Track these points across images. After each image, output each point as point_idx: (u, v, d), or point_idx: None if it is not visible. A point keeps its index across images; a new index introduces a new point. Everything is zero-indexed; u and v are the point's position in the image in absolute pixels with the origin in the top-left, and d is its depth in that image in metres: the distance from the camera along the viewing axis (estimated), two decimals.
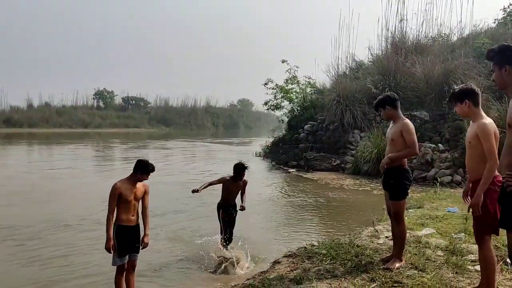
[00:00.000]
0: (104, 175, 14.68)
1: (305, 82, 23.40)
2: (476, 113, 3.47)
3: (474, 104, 3.46)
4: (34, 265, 5.51)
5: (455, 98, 3.60)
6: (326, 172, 15.45)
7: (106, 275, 4.83)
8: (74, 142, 32.79)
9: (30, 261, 5.61)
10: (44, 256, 5.83)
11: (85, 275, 5.11)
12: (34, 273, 5.18)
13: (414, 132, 4.29)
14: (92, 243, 6.27)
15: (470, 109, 3.47)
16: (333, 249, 4.74)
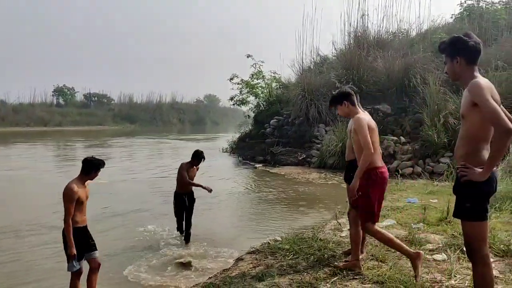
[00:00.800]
0: (65, 176, 14.21)
1: (271, 77, 23.42)
2: (354, 111, 4.05)
3: (351, 103, 4.04)
4: None
5: (335, 102, 4.14)
6: (292, 167, 15.53)
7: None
8: (32, 141, 31.60)
9: None
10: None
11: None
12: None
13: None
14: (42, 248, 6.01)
15: (349, 108, 4.06)
16: (296, 244, 4.74)
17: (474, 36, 2.77)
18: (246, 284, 3.68)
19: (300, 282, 3.69)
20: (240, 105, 25.05)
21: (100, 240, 6.40)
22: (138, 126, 60.26)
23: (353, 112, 4.06)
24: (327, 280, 3.70)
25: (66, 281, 4.06)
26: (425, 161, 12.44)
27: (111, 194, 10.23)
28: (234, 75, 23.93)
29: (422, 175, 11.43)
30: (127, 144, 29.71)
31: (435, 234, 5.13)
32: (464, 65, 2.73)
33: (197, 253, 5.96)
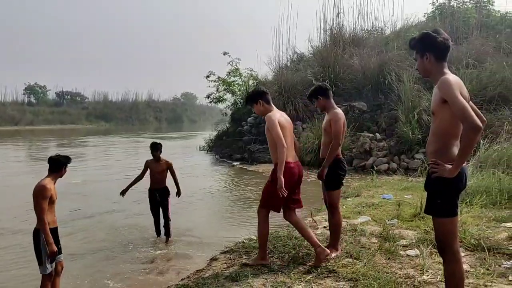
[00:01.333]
0: (36, 177, 13.83)
1: (247, 75, 23.35)
2: (330, 105, 4.38)
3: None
4: None
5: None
6: (270, 164, 15.32)
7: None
8: (1, 140, 30.70)
9: None
10: None
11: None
12: None
13: (341, 122, 4.27)
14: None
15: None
16: (271, 242, 4.70)
17: (443, 33, 2.77)
18: (219, 285, 3.62)
19: (274, 281, 3.65)
20: (217, 103, 24.89)
21: (68, 242, 6.25)
22: (113, 125, 59.30)
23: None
24: (301, 279, 3.67)
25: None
26: (400, 157, 12.60)
27: (83, 195, 10.00)
28: (211, 72, 23.77)
29: (397, 171, 11.57)
30: (100, 143, 29.17)
31: (409, 229, 5.18)
32: (433, 61, 2.73)
33: (170, 253, 5.87)
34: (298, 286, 3.51)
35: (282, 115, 4.26)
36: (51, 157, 4.05)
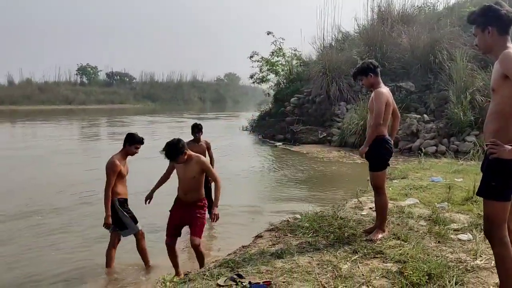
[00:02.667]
0: (93, 153, 14.50)
1: (291, 55, 23.09)
2: (378, 84, 4.24)
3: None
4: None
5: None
6: (312, 145, 15.41)
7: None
8: (60, 119, 32.20)
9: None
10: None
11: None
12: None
13: (383, 100, 4.13)
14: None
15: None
16: (316, 222, 4.69)
17: (506, 5, 2.59)
18: (265, 261, 3.66)
19: (320, 260, 3.65)
20: (260, 83, 24.86)
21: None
22: (159, 105, 60.66)
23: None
24: (348, 259, 3.64)
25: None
26: (450, 139, 12.14)
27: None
28: (254, 52, 23.69)
29: (446, 154, 11.16)
30: (147, 122, 29.98)
31: (460, 213, 5.00)
32: (496, 36, 2.57)
33: (213, 231, 6.01)
34: (344, 265, 3.50)
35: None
36: (129, 133, 4.42)
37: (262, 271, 3.43)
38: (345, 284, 3.14)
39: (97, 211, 6.73)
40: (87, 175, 9.90)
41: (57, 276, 4.55)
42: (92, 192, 7.86)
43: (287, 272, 3.40)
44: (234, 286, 3.12)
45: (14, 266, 4.81)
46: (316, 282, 3.19)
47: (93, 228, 5.78)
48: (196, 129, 6.20)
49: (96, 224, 5.52)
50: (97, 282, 4.46)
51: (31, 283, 4.41)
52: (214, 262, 3.92)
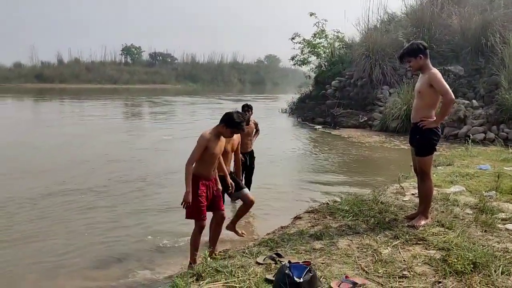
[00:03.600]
0: (137, 132, 14.91)
1: (334, 36, 22.58)
2: (427, 66, 4.01)
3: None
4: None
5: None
6: (353, 129, 15.16)
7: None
8: (109, 97, 33.20)
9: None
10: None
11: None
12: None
13: (443, 79, 3.97)
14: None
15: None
16: (356, 205, 4.63)
17: None
18: (304, 242, 3.66)
19: (360, 243, 3.61)
20: (300, 66, 24.56)
21: (165, 195, 6.70)
22: (199, 85, 61.32)
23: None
24: (388, 244, 3.58)
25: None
26: (499, 127, 11.60)
27: (172, 152, 10.56)
28: (296, 34, 23.35)
29: (495, 142, 10.68)
30: (189, 102, 30.41)
31: (509, 203, 4.79)
32: None
33: (255, 209, 6.05)
34: (384, 250, 3.44)
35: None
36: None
37: (300, 252, 3.45)
38: (385, 268, 3.10)
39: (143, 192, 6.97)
40: (130, 154, 10.22)
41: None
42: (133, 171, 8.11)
43: (326, 253, 3.39)
44: (273, 264, 3.15)
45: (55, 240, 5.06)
46: (356, 265, 3.16)
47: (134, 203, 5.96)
48: (246, 107, 6.12)
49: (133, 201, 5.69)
50: (133, 260, 4.55)
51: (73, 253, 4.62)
52: (254, 241, 3.96)
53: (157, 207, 6.07)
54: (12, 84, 46.88)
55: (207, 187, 3.97)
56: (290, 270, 2.66)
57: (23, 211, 5.82)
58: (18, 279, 4.02)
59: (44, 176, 7.81)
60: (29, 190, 6.77)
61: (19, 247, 4.68)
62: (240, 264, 3.13)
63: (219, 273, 3.00)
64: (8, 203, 6.14)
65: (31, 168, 8.40)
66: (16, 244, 4.75)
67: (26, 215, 5.67)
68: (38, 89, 43.13)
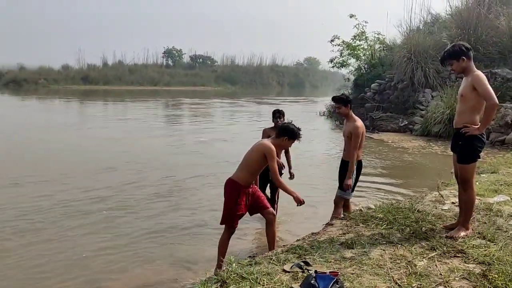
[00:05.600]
0: (175, 134, 15.16)
1: (374, 38, 22.14)
2: (471, 68, 3.80)
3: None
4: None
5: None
6: (392, 133, 14.76)
7: None
8: (151, 99, 33.96)
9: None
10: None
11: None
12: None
13: (487, 82, 3.74)
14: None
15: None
16: (391, 213, 4.44)
17: None
18: (335, 250, 3.54)
19: (393, 254, 3.45)
20: (339, 68, 24.25)
21: (203, 194, 6.73)
22: (238, 88, 61.64)
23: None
24: (424, 255, 3.40)
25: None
26: None
27: (206, 156, 10.63)
28: (335, 36, 23.07)
29: None
30: (227, 104, 30.62)
31: None
32: None
33: (286, 214, 5.97)
34: (420, 262, 3.26)
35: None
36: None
37: (330, 260, 3.32)
38: (420, 282, 2.93)
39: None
40: (168, 157, 10.39)
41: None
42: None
43: (357, 263, 3.25)
44: (300, 273, 3.05)
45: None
46: (388, 277, 3.01)
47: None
48: (277, 113, 5.71)
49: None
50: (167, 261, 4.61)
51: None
52: (282, 247, 3.87)
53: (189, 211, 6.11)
54: (60, 85, 48.87)
55: (247, 194, 4.07)
56: (316, 280, 2.56)
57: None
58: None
59: (108, 178, 7.95)
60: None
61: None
62: (266, 271, 3.05)
63: (244, 280, 2.93)
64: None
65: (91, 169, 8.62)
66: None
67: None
68: (83, 91, 44.79)
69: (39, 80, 49.18)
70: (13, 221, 5.54)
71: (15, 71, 52.64)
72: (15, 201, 6.33)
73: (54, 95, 35.68)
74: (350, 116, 4.96)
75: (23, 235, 5.10)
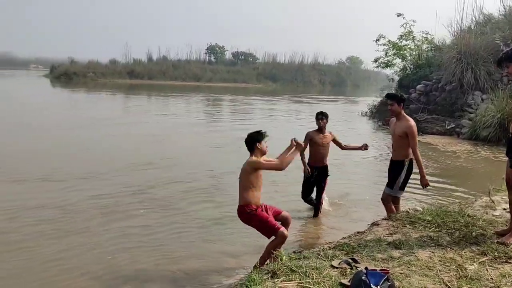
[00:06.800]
0: (215, 130, 15.42)
1: (422, 38, 21.58)
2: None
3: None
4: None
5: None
6: (438, 136, 14.38)
7: None
8: (193, 94, 34.68)
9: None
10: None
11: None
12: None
13: None
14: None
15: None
16: (440, 216, 4.39)
17: None
18: (382, 249, 3.56)
19: (442, 257, 3.43)
20: (384, 68, 23.83)
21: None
22: (279, 85, 61.67)
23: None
24: (475, 260, 3.36)
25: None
26: None
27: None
28: (381, 35, 22.70)
29: None
30: (267, 102, 30.74)
31: None
32: None
33: (331, 211, 6.00)
34: (470, 266, 3.23)
35: None
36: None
37: (377, 259, 3.35)
38: (470, 285, 2.92)
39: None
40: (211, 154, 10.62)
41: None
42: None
43: (405, 264, 3.26)
44: (349, 269, 3.10)
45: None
46: (438, 279, 3.01)
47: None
48: (320, 115, 5.62)
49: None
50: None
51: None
52: (329, 243, 3.93)
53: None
54: (107, 79, 50.65)
55: (264, 208, 4.05)
56: (367, 277, 2.61)
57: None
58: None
59: (147, 174, 8.01)
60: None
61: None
62: (315, 266, 3.13)
63: (294, 273, 3.01)
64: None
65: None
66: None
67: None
68: (129, 85, 46.23)
69: (88, 73, 51.25)
70: (53, 217, 5.56)
71: (67, 65, 55.11)
72: (49, 196, 6.33)
73: (101, 89, 37.05)
74: (401, 115, 4.85)
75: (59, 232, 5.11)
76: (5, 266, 4.20)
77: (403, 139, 4.77)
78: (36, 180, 7.14)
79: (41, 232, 5.02)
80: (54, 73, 53.15)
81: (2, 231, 4.98)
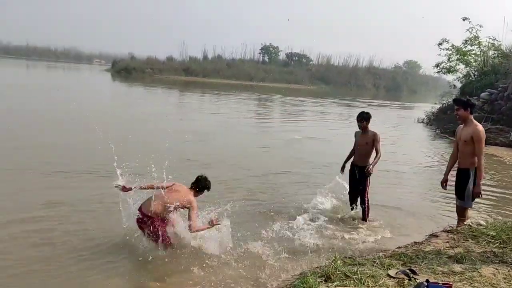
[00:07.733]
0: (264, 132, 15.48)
1: (488, 44, 20.46)
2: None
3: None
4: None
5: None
6: (501, 147, 13.58)
7: None
8: (242, 93, 35.02)
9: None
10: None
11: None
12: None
13: None
14: None
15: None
16: (505, 232, 4.14)
17: None
18: (442, 262, 3.40)
19: (507, 274, 3.22)
20: (445, 74, 22.85)
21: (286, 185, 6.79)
22: (331, 88, 60.87)
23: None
24: None
25: None
26: None
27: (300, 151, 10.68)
28: (444, 40, 21.74)
29: None
30: (319, 104, 30.41)
31: None
32: None
33: (383, 220, 5.82)
34: None
35: None
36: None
37: (437, 272, 3.21)
38: None
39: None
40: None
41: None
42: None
43: (467, 279, 3.10)
44: (407, 280, 2.99)
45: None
46: None
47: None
48: (358, 117, 5.62)
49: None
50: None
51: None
52: (384, 252, 3.81)
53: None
54: (164, 75, 52.27)
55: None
56: None
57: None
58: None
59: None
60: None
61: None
62: (370, 274, 3.04)
63: (348, 279, 2.95)
64: None
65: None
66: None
67: None
68: (184, 82, 47.41)
69: (146, 69, 53.21)
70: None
71: (127, 60, 57.50)
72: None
73: (157, 84, 38.24)
74: (469, 121, 4.64)
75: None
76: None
77: (469, 145, 4.52)
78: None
79: None
80: (115, 67, 55.64)
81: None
